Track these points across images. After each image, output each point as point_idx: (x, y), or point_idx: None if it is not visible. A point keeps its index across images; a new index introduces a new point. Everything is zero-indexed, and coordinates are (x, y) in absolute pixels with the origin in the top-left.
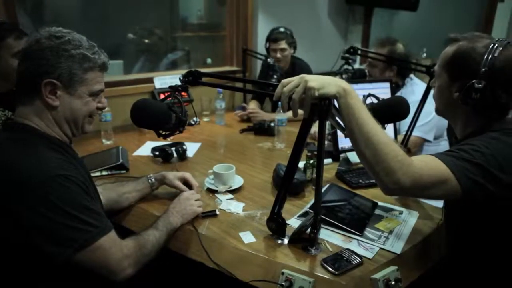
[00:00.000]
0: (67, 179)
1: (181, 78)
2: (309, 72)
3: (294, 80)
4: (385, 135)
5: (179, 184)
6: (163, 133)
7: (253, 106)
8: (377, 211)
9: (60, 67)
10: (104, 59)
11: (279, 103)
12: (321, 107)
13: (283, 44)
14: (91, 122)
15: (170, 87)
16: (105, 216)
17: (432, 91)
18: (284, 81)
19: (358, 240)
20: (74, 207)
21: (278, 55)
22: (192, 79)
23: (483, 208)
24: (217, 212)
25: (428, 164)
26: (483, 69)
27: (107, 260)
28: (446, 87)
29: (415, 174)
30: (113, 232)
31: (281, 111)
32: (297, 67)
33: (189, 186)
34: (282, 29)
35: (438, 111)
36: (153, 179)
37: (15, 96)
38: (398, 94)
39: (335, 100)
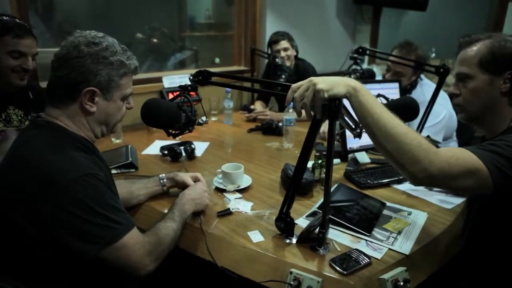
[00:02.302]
0: (94, 177)
1: (191, 77)
2: (313, 72)
3: (303, 84)
4: (404, 126)
5: (189, 180)
6: (173, 132)
7: (258, 106)
8: (385, 212)
9: (100, 75)
10: (136, 63)
11: (289, 104)
12: (331, 108)
13: (284, 44)
14: (118, 123)
15: (180, 86)
16: (128, 213)
17: (441, 92)
18: (294, 86)
19: (366, 240)
20: (102, 205)
21: (282, 54)
22: (202, 79)
23: (509, 206)
24: (232, 210)
25: (457, 154)
26: None
27: (131, 258)
28: (487, 85)
29: (442, 163)
30: (136, 229)
31: (291, 111)
32: (301, 68)
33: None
34: (281, 31)
35: (471, 118)
36: (164, 179)
37: (46, 95)
38: (411, 95)
39: (346, 100)
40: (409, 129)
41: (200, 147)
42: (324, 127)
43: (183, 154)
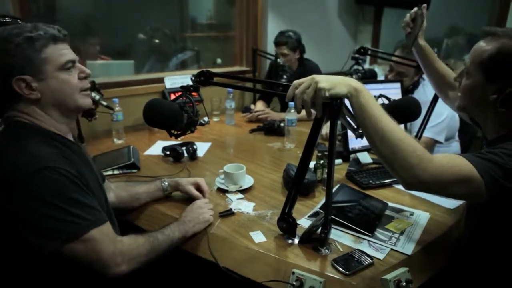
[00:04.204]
0: (54, 171)
1: (193, 78)
2: (318, 72)
3: (305, 81)
4: (401, 131)
5: (192, 190)
6: (175, 132)
7: (260, 106)
8: (387, 212)
9: (15, 61)
10: (52, 30)
11: (291, 103)
12: (332, 107)
13: (284, 50)
14: (85, 95)
15: (182, 87)
16: (100, 210)
17: None
18: (296, 82)
19: (368, 240)
20: (61, 199)
21: (282, 58)
22: (204, 79)
23: (507, 211)
24: (234, 210)
25: (452, 161)
26: None
27: (99, 253)
28: (479, 87)
29: (435, 170)
30: (107, 226)
31: (292, 111)
32: (307, 67)
33: (201, 191)
34: (287, 34)
35: (464, 108)
36: (166, 184)
37: None
38: (413, 95)
39: (346, 100)
40: (406, 134)
41: (202, 148)
42: (326, 128)
43: (185, 154)
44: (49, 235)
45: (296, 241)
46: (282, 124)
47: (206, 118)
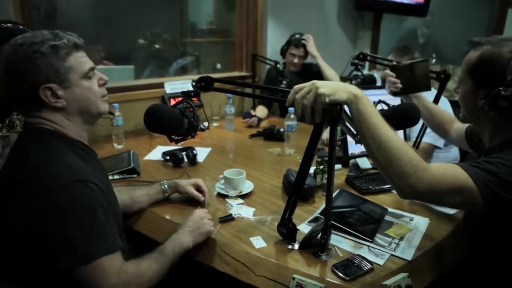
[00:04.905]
0: (86, 185)
1: (193, 83)
2: (318, 72)
3: (305, 86)
4: (399, 139)
5: (193, 191)
6: (176, 138)
7: (260, 111)
8: (387, 218)
9: (41, 70)
10: (73, 38)
11: (290, 109)
12: (332, 113)
13: (302, 52)
14: (105, 101)
15: (183, 92)
16: (117, 234)
17: (443, 98)
18: (296, 87)
19: (368, 246)
20: (88, 216)
21: (296, 60)
22: (204, 85)
23: (504, 220)
24: (234, 216)
25: (448, 171)
26: (510, 76)
27: (101, 281)
28: (470, 94)
29: (431, 180)
30: (118, 254)
31: (292, 116)
32: (310, 68)
33: (201, 192)
34: (299, 37)
35: (465, 118)
36: (166, 186)
37: (17, 110)
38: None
39: (346, 106)
40: (403, 143)
41: (202, 153)
42: (326, 134)
43: (185, 159)
44: (65, 251)
45: (296, 246)
46: (281, 130)
47: (206, 124)
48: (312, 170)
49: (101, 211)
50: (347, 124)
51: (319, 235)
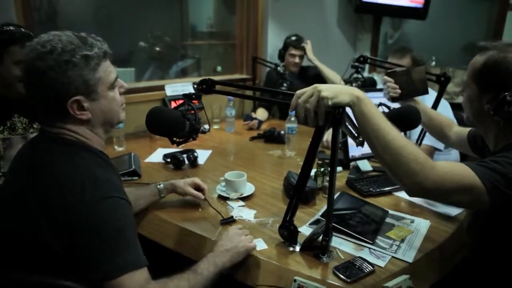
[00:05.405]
0: (120, 200)
1: (195, 86)
2: (318, 74)
3: (307, 90)
4: (403, 138)
5: (192, 190)
6: (177, 140)
7: (260, 113)
8: (388, 220)
9: (72, 82)
10: (102, 46)
11: (291, 112)
12: (334, 116)
13: (301, 51)
14: (123, 109)
15: (184, 95)
16: (141, 252)
17: (443, 100)
18: (298, 92)
19: (369, 248)
20: (119, 231)
21: (297, 60)
22: (206, 87)
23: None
24: (235, 218)
25: (454, 169)
26: None
27: None
28: (475, 98)
29: (437, 178)
30: (143, 271)
31: (292, 119)
32: (308, 71)
33: (200, 190)
34: (299, 38)
35: (469, 121)
36: (162, 186)
37: (38, 119)
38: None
39: (348, 108)
40: (409, 142)
41: (202, 155)
42: (327, 135)
43: (186, 162)
44: (91, 267)
45: (298, 248)
46: (282, 132)
47: (207, 126)
48: (313, 172)
49: (130, 228)
50: (349, 126)
51: (320, 237)
